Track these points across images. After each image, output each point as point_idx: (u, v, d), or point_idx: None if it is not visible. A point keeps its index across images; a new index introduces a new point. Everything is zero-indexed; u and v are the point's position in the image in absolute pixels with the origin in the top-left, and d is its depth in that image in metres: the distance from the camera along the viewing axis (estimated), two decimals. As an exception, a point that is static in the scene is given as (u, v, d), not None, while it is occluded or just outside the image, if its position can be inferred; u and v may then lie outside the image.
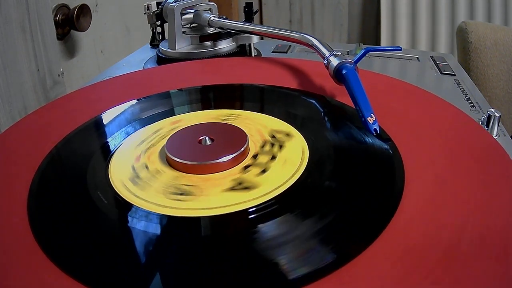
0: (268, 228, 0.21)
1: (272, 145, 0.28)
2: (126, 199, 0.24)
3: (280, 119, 0.31)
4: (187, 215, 0.22)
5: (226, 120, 0.31)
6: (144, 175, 0.26)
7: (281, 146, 0.28)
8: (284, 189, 0.23)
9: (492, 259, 0.18)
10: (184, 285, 0.18)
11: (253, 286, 0.18)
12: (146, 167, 0.26)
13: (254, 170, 0.25)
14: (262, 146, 0.28)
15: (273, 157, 0.27)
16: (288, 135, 0.29)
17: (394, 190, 0.23)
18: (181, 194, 0.24)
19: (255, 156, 0.27)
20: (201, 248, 0.20)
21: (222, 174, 0.25)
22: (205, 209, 0.22)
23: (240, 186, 0.24)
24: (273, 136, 0.29)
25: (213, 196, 0.23)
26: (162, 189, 0.24)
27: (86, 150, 0.29)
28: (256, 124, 0.31)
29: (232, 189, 0.24)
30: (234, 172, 0.25)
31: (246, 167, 0.26)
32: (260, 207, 0.22)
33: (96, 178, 0.26)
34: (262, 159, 0.27)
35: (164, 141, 0.28)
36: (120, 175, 0.26)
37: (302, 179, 0.24)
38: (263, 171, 0.25)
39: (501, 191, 0.22)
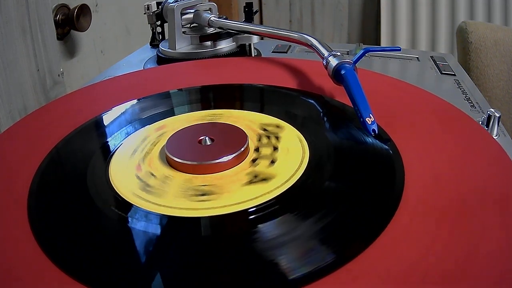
0: (268, 228, 0.21)
1: (268, 137, 0.28)
2: (143, 207, 0.23)
3: (272, 115, 0.31)
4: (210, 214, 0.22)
5: (210, 120, 0.32)
6: (153, 182, 0.25)
7: (277, 137, 0.28)
8: (285, 189, 0.23)
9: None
10: (184, 285, 0.18)
11: (253, 286, 0.18)
12: (152, 174, 0.26)
13: (264, 162, 0.26)
14: (259, 140, 0.28)
15: (275, 148, 0.27)
16: (278, 126, 0.30)
17: (394, 190, 0.23)
18: (202, 195, 0.23)
19: (257, 150, 0.27)
20: (202, 247, 0.20)
21: (233, 170, 0.25)
22: (231, 205, 0.22)
23: (257, 178, 0.24)
24: (265, 129, 0.30)
25: (234, 192, 0.23)
26: (180, 193, 0.24)
27: (86, 150, 0.29)
28: (244, 120, 0.31)
29: (251, 182, 0.24)
30: (245, 167, 0.26)
31: (254, 160, 0.26)
32: (261, 208, 0.22)
33: (97, 179, 0.25)
34: (266, 151, 0.27)
35: (158, 147, 0.28)
36: (127, 186, 0.25)
37: (302, 180, 0.24)
38: (272, 162, 0.26)
39: (501, 191, 0.22)
